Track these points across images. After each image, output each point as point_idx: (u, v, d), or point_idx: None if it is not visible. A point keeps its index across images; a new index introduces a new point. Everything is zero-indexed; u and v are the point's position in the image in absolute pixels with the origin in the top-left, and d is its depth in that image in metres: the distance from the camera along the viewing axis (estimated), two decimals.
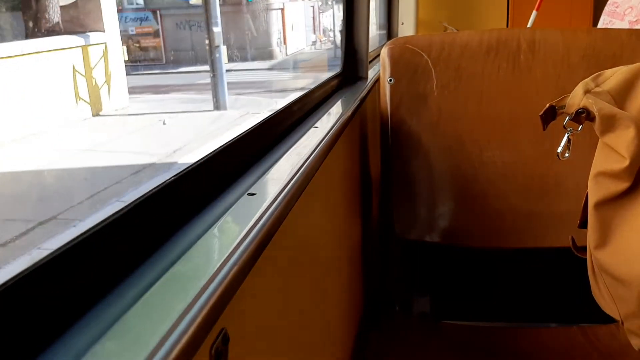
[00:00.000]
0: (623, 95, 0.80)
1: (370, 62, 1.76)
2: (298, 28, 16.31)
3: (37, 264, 0.41)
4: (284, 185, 0.68)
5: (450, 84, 1.33)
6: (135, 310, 0.43)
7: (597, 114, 0.78)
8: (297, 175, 0.73)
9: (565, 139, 0.85)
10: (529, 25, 2.29)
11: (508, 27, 2.84)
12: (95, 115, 5.97)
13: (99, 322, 0.41)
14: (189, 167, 0.63)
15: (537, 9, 2.28)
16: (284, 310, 0.74)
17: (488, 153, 1.33)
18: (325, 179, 1.00)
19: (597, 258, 0.83)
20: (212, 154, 0.69)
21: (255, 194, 0.66)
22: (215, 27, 7.56)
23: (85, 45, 5.79)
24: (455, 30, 2.60)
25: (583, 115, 0.80)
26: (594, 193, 0.82)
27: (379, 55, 1.39)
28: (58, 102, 5.31)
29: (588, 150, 0.85)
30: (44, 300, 0.41)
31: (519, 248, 1.39)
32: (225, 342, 0.48)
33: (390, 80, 1.34)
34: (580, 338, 1.26)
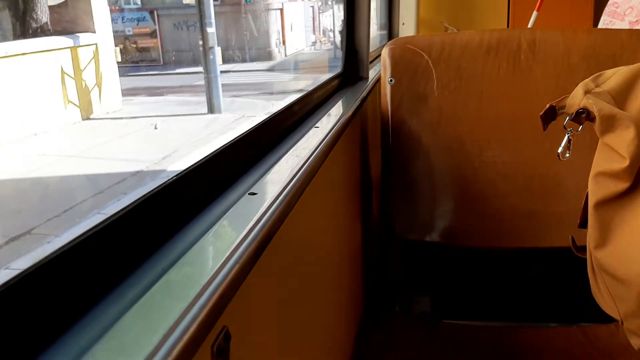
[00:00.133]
0: (623, 96, 0.80)
1: (371, 62, 1.76)
2: (297, 28, 16.20)
3: (41, 262, 0.41)
4: (285, 185, 0.69)
5: (451, 84, 1.33)
6: (138, 309, 0.43)
7: (597, 114, 0.78)
8: (297, 175, 0.73)
9: (566, 139, 0.85)
10: (530, 26, 2.29)
11: (508, 27, 2.84)
12: (85, 119, 5.79)
13: (102, 320, 0.42)
14: (191, 166, 0.64)
15: (537, 9, 2.28)
16: (285, 309, 0.74)
17: (488, 153, 1.33)
18: (326, 179, 1.00)
19: (597, 258, 0.83)
20: (213, 154, 0.69)
21: (257, 194, 0.67)
22: (209, 27, 7.37)
23: (75, 47, 5.62)
24: (456, 31, 2.60)
25: (583, 116, 0.81)
26: (594, 193, 0.82)
27: (380, 56, 1.39)
28: (45, 105, 5.10)
29: (588, 151, 0.85)
30: (47, 299, 0.42)
31: (519, 248, 1.39)
32: (227, 339, 0.49)
33: (391, 81, 1.34)
34: (580, 338, 1.27)
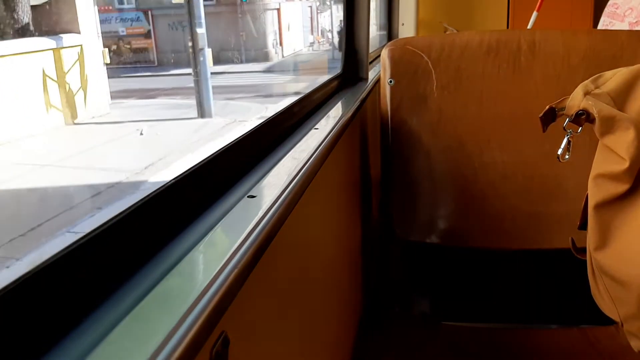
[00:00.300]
0: (623, 97, 0.80)
1: (371, 63, 1.76)
2: (295, 29, 16.11)
3: (41, 265, 0.41)
4: (284, 188, 0.68)
5: (450, 85, 1.33)
6: (136, 314, 0.43)
7: (597, 116, 0.78)
8: (297, 177, 0.73)
9: (565, 141, 0.85)
10: (529, 26, 2.29)
11: (508, 28, 2.84)
12: (69, 124, 5.52)
13: (100, 326, 0.41)
14: (190, 169, 0.63)
15: (537, 10, 2.28)
16: (284, 312, 0.74)
17: (488, 154, 1.33)
18: (326, 181, 1.00)
19: (596, 259, 0.83)
20: (212, 156, 0.69)
21: (256, 197, 0.66)
22: (199, 28, 7.20)
23: (58, 48, 5.37)
24: (456, 31, 2.60)
25: (583, 117, 0.80)
26: (594, 195, 0.82)
27: (379, 57, 1.39)
28: (25, 110, 4.85)
29: (588, 152, 0.85)
30: (44, 304, 0.41)
31: (519, 249, 1.39)
32: (226, 344, 0.48)
33: (391, 82, 1.34)
34: (580, 339, 1.26)
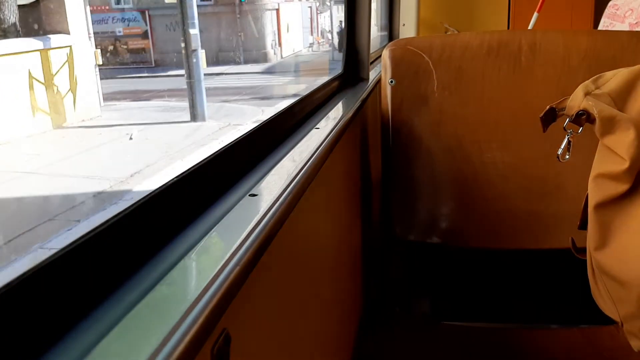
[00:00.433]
0: (623, 98, 0.80)
1: (372, 63, 1.76)
2: (294, 29, 16.02)
3: (46, 261, 0.41)
4: (286, 187, 0.68)
5: (451, 85, 1.33)
6: (137, 311, 0.43)
7: (597, 116, 0.78)
8: (298, 177, 0.73)
9: (566, 141, 0.85)
10: (530, 27, 2.30)
11: (509, 28, 2.85)
12: (57, 128, 5.26)
13: (101, 323, 0.42)
14: (192, 168, 0.64)
15: (538, 11, 2.29)
16: (285, 311, 0.74)
17: (488, 154, 1.33)
18: (327, 180, 1.00)
19: (596, 259, 0.83)
20: (214, 155, 0.69)
21: (257, 195, 0.67)
22: (192, 28, 7.05)
23: (45, 49, 5.12)
24: (456, 32, 2.61)
25: (583, 117, 0.81)
26: (594, 195, 0.82)
27: (380, 57, 1.39)
28: (9, 114, 4.63)
29: (588, 152, 0.85)
30: (47, 300, 0.42)
31: (519, 249, 1.39)
32: (227, 342, 0.49)
33: (392, 82, 1.34)
34: (580, 339, 1.27)
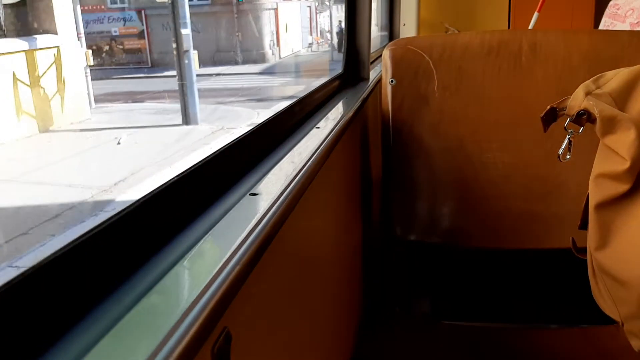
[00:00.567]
0: (624, 97, 0.80)
1: (372, 63, 1.76)
2: (293, 29, 15.92)
3: (48, 258, 0.41)
4: (286, 186, 0.69)
5: (452, 85, 1.33)
6: (138, 310, 0.43)
7: (598, 116, 0.78)
8: (299, 176, 0.73)
9: (566, 141, 0.85)
10: (530, 27, 2.30)
11: (509, 28, 2.85)
12: (44, 131, 5.04)
13: (102, 320, 0.42)
14: (193, 166, 0.64)
15: (538, 11, 2.29)
16: (285, 310, 0.74)
17: (489, 154, 1.33)
18: (327, 179, 1.00)
19: (597, 259, 0.83)
20: (216, 154, 0.70)
21: (258, 194, 0.67)
22: (184, 28, 6.87)
23: (31, 50, 4.92)
24: (457, 32, 2.60)
25: (584, 117, 0.81)
26: (595, 194, 0.82)
27: (380, 57, 1.39)
28: None
29: (589, 152, 0.85)
30: (52, 296, 0.42)
31: (519, 249, 1.39)
32: (228, 341, 0.49)
33: (392, 81, 1.34)
34: (581, 339, 1.27)
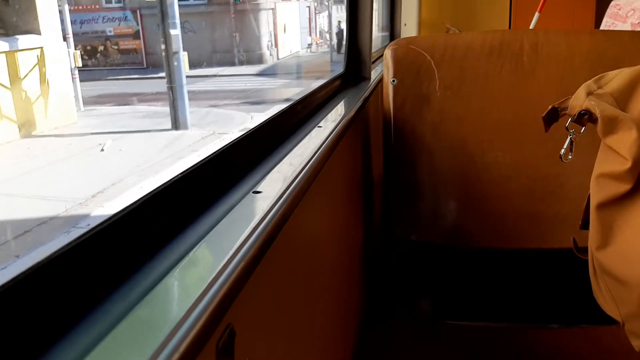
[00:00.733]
0: (625, 97, 0.80)
1: (373, 62, 1.77)
2: (292, 30, 15.82)
3: (51, 256, 0.42)
4: (289, 184, 0.69)
5: (453, 85, 1.33)
6: (144, 306, 0.43)
7: (599, 116, 0.78)
8: (301, 174, 0.73)
9: (568, 141, 0.85)
10: (532, 27, 2.30)
11: (510, 28, 2.85)
12: (25, 137, 4.79)
13: (106, 318, 0.42)
14: (197, 164, 0.64)
15: (539, 11, 2.29)
16: (288, 308, 0.75)
17: (491, 154, 1.33)
18: (329, 178, 1.00)
19: (598, 259, 0.83)
20: (219, 152, 0.70)
21: (261, 192, 0.67)
22: (173, 29, 6.66)
23: (12, 51, 4.72)
24: (458, 32, 2.61)
25: (585, 117, 0.81)
26: (596, 194, 0.82)
27: (381, 56, 1.39)
28: None
29: (590, 152, 0.85)
30: (57, 293, 0.42)
31: (521, 249, 1.39)
32: (232, 337, 0.49)
33: (394, 81, 1.34)
34: (582, 339, 1.27)
